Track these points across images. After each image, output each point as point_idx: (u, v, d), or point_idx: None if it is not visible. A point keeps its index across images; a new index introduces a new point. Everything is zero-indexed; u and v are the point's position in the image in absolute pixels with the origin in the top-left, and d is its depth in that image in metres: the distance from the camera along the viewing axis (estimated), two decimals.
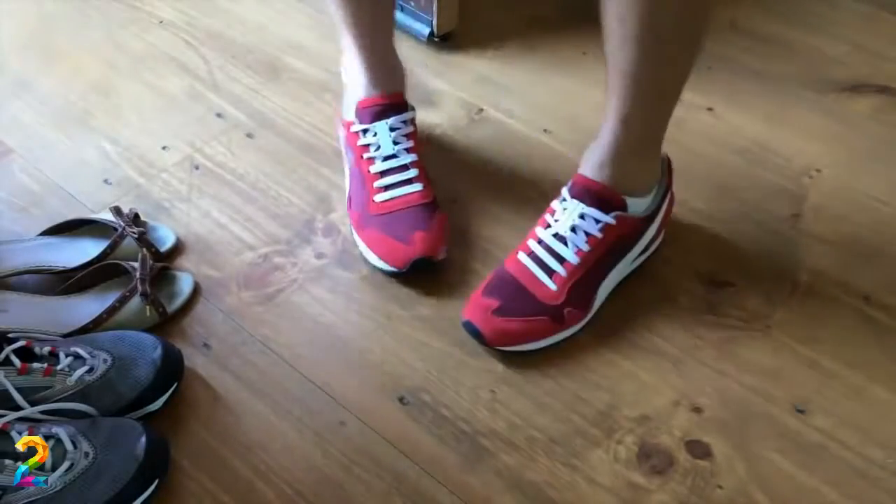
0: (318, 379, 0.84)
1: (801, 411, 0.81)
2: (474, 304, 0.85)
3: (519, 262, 0.86)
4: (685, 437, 0.79)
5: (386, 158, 0.94)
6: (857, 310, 0.90)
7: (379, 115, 0.95)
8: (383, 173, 0.94)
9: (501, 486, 0.76)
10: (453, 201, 1.00)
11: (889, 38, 1.26)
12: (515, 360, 0.84)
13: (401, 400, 0.82)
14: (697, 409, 0.81)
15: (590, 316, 0.86)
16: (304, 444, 0.79)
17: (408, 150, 0.94)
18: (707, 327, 0.88)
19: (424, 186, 0.93)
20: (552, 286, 0.84)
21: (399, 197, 0.92)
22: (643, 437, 0.79)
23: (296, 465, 0.77)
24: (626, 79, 0.78)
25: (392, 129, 0.94)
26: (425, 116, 1.13)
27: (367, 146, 0.95)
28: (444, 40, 1.23)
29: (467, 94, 1.16)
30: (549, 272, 0.85)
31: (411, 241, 0.89)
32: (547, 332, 0.84)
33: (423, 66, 1.21)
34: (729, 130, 1.11)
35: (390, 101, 0.95)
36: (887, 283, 0.92)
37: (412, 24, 1.23)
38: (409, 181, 0.93)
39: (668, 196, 0.90)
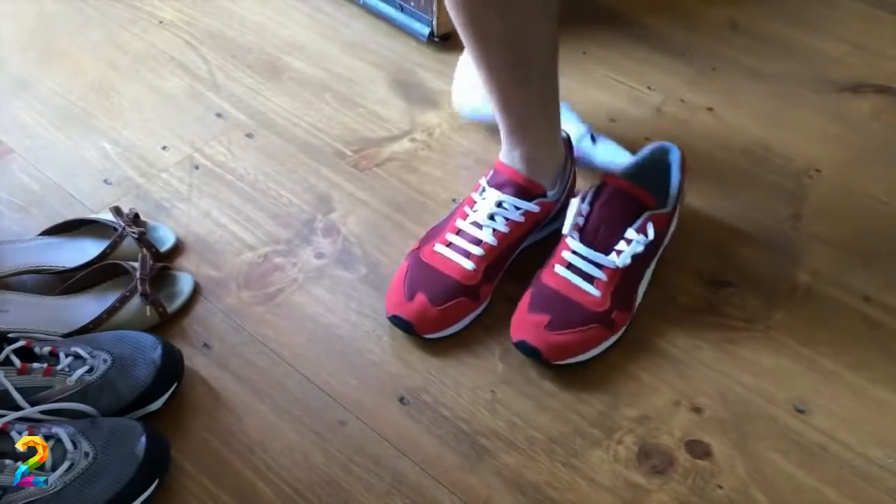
0: (318, 379, 0.84)
1: (801, 411, 0.81)
2: (523, 322, 0.83)
3: (557, 274, 0.84)
4: (685, 437, 0.79)
5: (473, 223, 0.88)
6: (857, 310, 0.90)
7: (501, 186, 0.88)
8: (459, 232, 0.89)
9: (501, 486, 0.76)
10: (453, 200, 1.00)
11: (889, 38, 1.26)
12: (515, 360, 0.84)
13: (401, 400, 0.82)
14: (697, 409, 0.81)
15: (633, 315, 0.86)
16: (304, 444, 0.79)
17: (494, 232, 0.87)
18: (707, 327, 0.88)
19: (476, 269, 0.86)
20: (595, 292, 0.83)
21: (448, 260, 0.87)
22: (643, 437, 0.79)
23: (296, 465, 0.77)
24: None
25: (499, 205, 0.88)
26: (425, 117, 1.13)
27: (474, 202, 0.90)
28: (444, 40, 1.23)
29: None
30: (590, 279, 0.83)
31: (412, 300, 0.85)
32: (600, 338, 0.82)
33: (422, 66, 1.21)
34: (729, 130, 1.10)
35: (522, 182, 0.88)
36: (887, 283, 0.92)
37: (412, 24, 1.23)
38: (467, 255, 0.87)
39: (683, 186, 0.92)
